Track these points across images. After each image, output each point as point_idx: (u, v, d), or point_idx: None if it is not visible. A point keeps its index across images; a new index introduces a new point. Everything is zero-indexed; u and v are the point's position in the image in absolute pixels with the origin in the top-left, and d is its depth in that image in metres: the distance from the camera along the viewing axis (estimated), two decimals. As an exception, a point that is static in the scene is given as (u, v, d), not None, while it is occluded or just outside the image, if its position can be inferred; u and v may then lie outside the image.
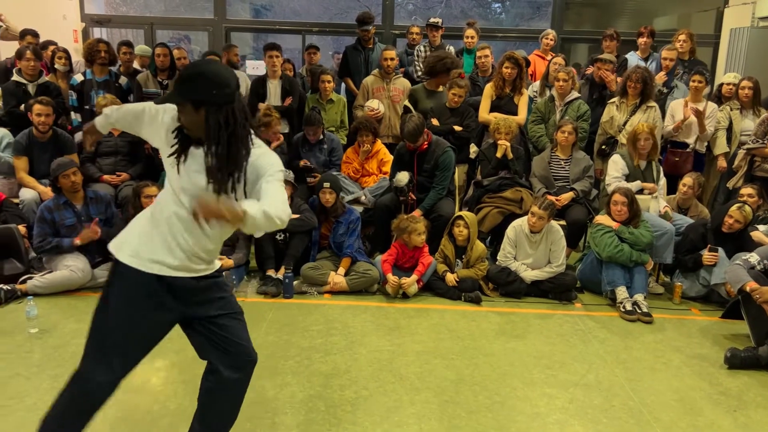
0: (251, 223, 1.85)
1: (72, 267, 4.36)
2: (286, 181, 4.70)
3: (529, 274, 4.61)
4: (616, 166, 5.14)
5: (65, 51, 6.22)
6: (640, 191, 4.99)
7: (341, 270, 4.67)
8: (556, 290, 4.61)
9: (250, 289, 4.64)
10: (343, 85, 7.12)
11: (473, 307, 4.47)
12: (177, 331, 2.33)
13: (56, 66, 6.10)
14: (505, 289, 4.64)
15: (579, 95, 5.73)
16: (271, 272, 4.70)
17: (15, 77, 5.62)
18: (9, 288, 4.23)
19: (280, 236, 4.78)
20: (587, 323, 4.25)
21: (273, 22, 9.62)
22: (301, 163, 5.57)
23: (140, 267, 2.10)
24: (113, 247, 2.18)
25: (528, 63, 6.44)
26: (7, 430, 2.77)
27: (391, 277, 4.52)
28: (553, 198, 4.87)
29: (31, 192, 5.07)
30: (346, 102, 6.37)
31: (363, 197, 5.47)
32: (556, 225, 4.67)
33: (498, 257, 4.74)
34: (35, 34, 6.45)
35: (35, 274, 4.44)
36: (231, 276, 4.36)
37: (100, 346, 2.14)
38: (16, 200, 5.06)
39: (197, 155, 2.09)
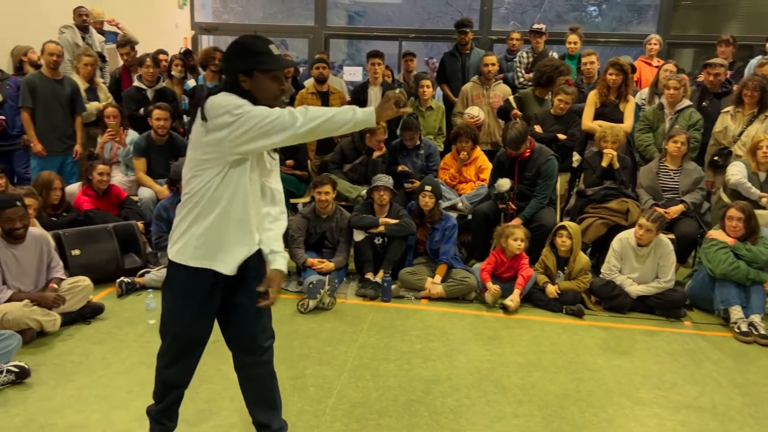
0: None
1: (185, 263, 4.61)
2: (385, 187, 4.80)
3: (635, 289, 4.45)
4: (737, 169, 4.90)
5: (181, 58, 6.59)
6: (760, 207, 4.72)
7: (437, 277, 4.68)
8: (663, 307, 4.42)
9: (350, 291, 4.75)
10: (439, 91, 7.15)
11: (575, 320, 4.36)
12: (282, 326, 2.47)
13: (173, 72, 6.47)
14: (609, 303, 4.50)
15: (690, 103, 5.48)
16: (369, 275, 4.78)
17: (136, 83, 6.02)
18: (129, 281, 4.54)
19: (378, 240, 4.86)
20: (698, 343, 4.05)
21: (371, 29, 9.79)
22: (399, 167, 5.63)
23: None
24: None
25: (634, 69, 6.23)
26: (138, 410, 2.97)
27: (491, 286, 4.48)
28: (662, 210, 4.68)
29: (149, 191, 5.42)
30: (443, 109, 6.38)
31: (460, 204, 5.47)
32: (665, 238, 4.48)
33: (602, 270, 4.60)
34: (133, 45, 6.81)
35: (152, 269, 4.73)
36: (334, 279, 4.47)
37: None
38: (135, 198, 5.42)
39: None
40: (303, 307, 4.28)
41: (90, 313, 4.04)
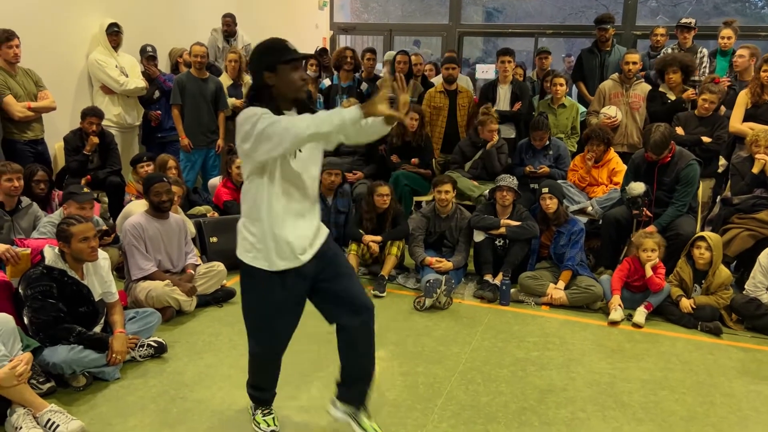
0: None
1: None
2: (508, 188, 4.70)
3: (784, 310, 4.02)
4: None
5: (316, 58, 6.86)
6: None
7: (561, 283, 4.50)
8: (818, 332, 3.96)
9: (467, 292, 4.71)
10: (574, 89, 6.88)
11: (711, 338, 4.02)
12: (398, 323, 2.48)
13: (308, 71, 6.75)
14: (752, 323, 4.09)
15: None
16: (488, 277, 4.71)
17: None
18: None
19: (499, 242, 4.77)
20: None
21: (505, 26, 9.62)
22: (527, 169, 5.50)
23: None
24: None
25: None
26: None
27: (616, 300, 4.24)
28: (822, 224, 4.19)
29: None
30: (578, 107, 6.13)
31: (589, 208, 5.23)
32: (824, 256, 4.01)
33: (746, 286, 4.19)
34: None
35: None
36: (451, 279, 4.45)
37: None
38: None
39: None
40: (419, 304, 4.31)
41: (222, 296, 4.34)
